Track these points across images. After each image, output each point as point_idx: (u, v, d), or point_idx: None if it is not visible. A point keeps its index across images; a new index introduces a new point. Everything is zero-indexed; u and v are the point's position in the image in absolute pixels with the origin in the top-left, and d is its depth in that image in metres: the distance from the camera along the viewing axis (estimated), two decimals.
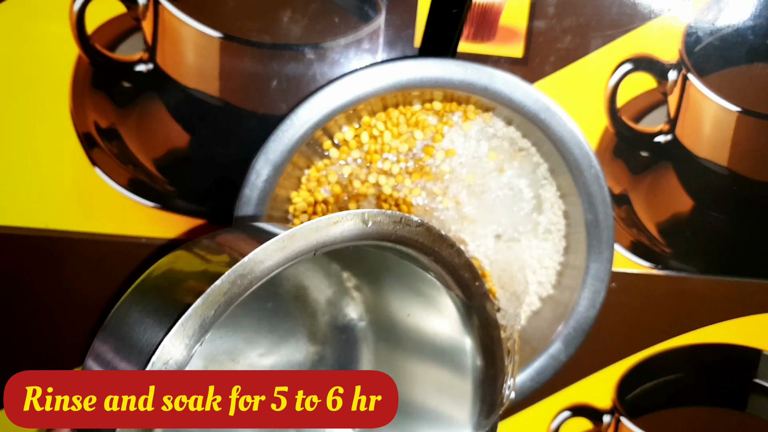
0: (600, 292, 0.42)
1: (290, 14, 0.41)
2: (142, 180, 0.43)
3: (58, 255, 0.44)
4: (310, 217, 0.42)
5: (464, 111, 0.41)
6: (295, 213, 0.42)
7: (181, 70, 0.41)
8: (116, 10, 0.41)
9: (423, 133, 0.41)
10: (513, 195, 0.43)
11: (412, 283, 0.33)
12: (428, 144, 0.42)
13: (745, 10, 0.43)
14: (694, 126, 0.44)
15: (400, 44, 0.42)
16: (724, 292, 0.47)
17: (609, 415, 0.48)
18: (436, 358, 0.34)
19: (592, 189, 0.41)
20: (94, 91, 0.42)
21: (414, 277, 0.31)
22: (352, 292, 0.36)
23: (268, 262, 0.23)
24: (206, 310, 0.22)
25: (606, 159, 0.44)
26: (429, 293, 0.32)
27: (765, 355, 0.48)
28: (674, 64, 0.43)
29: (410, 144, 0.41)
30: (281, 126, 0.38)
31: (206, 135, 0.42)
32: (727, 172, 0.45)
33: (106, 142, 0.42)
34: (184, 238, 0.44)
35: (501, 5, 0.41)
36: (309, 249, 0.24)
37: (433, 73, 0.38)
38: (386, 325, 0.36)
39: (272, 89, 0.42)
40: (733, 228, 0.46)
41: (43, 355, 0.45)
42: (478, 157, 0.42)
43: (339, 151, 0.41)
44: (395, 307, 0.35)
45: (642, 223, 0.45)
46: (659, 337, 0.47)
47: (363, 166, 0.42)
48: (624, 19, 0.42)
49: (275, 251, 0.23)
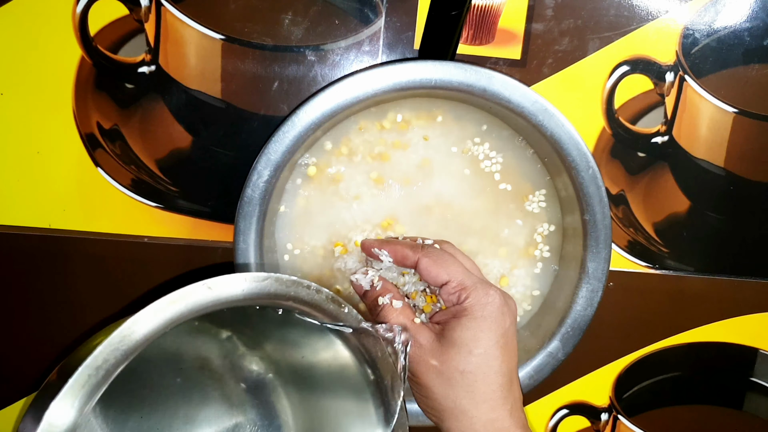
0: (597, 292, 0.42)
1: (291, 17, 0.41)
2: (144, 180, 0.43)
3: (61, 254, 0.44)
4: None
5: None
6: None
7: (183, 71, 0.42)
8: (119, 12, 0.41)
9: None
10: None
11: (297, 328, 0.35)
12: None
13: (741, 13, 0.43)
14: (691, 127, 0.44)
15: (400, 46, 0.42)
16: (721, 291, 0.47)
17: (606, 413, 0.49)
18: (338, 386, 0.36)
19: (590, 189, 0.41)
20: (97, 93, 0.42)
21: (296, 322, 0.33)
22: (249, 352, 0.38)
23: (125, 346, 0.26)
24: (76, 391, 0.25)
25: (603, 160, 0.44)
26: (310, 332, 0.34)
27: (761, 353, 0.48)
28: (671, 66, 0.43)
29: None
30: (282, 127, 0.39)
31: (208, 136, 0.43)
32: (723, 173, 0.45)
33: (108, 143, 0.43)
34: (185, 238, 0.44)
35: (500, 8, 0.42)
36: (157, 329, 0.26)
37: (433, 75, 0.39)
38: (289, 372, 0.38)
39: (273, 90, 0.42)
40: (730, 228, 0.46)
41: (44, 355, 0.45)
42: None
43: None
44: (290, 353, 0.37)
45: (639, 223, 0.46)
46: (656, 336, 0.48)
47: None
48: (621, 22, 0.43)
49: (124, 338, 0.26)
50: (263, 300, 0.30)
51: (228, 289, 0.28)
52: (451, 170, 0.43)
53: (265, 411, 0.39)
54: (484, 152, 0.43)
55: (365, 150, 0.42)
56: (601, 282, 0.42)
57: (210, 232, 0.44)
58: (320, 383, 0.37)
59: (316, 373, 0.36)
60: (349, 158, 0.42)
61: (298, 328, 0.34)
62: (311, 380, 0.37)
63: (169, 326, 0.26)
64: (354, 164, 0.42)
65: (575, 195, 0.41)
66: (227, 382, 0.38)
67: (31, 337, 0.45)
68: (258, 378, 0.39)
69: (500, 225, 0.43)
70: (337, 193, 0.42)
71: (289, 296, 0.30)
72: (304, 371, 0.37)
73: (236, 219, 0.40)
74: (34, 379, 0.46)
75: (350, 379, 0.35)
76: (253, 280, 0.29)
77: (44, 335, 0.45)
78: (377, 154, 0.42)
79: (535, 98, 0.39)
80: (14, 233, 0.43)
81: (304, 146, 0.40)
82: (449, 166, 0.43)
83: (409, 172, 0.42)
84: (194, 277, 0.28)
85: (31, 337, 0.45)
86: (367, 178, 0.42)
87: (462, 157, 0.43)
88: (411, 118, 0.42)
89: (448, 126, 0.42)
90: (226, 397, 0.38)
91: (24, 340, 0.45)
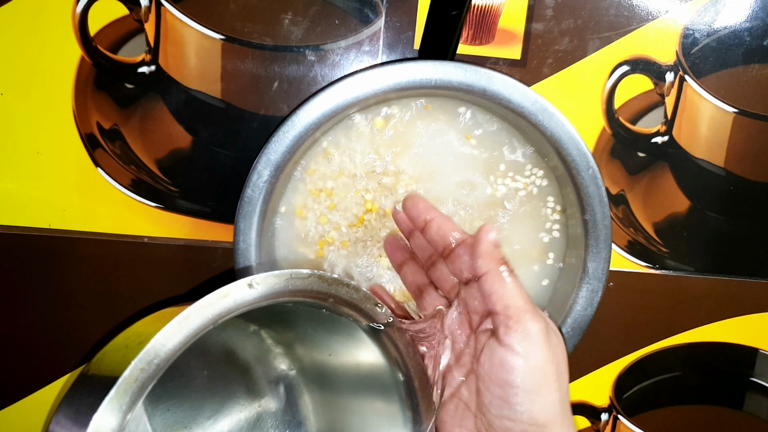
0: (597, 292, 0.42)
1: (291, 17, 0.41)
2: (144, 180, 0.43)
3: (61, 254, 0.44)
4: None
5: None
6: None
7: (183, 71, 0.42)
8: (119, 12, 0.41)
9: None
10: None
11: (326, 325, 0.34)
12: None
13: (741, 12, 0.43)
14: (691, 127, 0.44)
15: (400, 46, 0.42)
16: (721, 291, 0.47)
17: (606, 413, 0.49)
18: (363, 386, 0.36)
19: (590, 189, 0.41)
20: (97, 93, 0.42)
21: (325, 320, 0.33)
22: (275, 347, 0.38)
23: (170, 344, 0.25)
24: (120, 397, 0.24)
25: (603, 160, 0.44)
26: (341, 330, 0.34)
27: (761, 353, 0.48)
28: (671, 66, 0.43)
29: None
30: (282, 127, 0.39)
31: (208, 136, 0.43)
32: (723, 173, 0.45)
33: (108, 143, 0.43)
34: (185, 238, 0.44)
35: (500, 8, 0.42)
36: (206, 324, 0.26)
37: (433, 75, 0.39)
38: (314, 369, 0.38)
39: (273, 91, 0.42)
40: (730, 228, 0.46)
41: (46, 355, 0.45)
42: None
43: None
44: (317, 351, 0.37)
45: (639, 223, 0.46)
46: (656, 336, 0.48)
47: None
48: (621, 22, 0.43)
49: (174, 334, 0.25)
50: (305, 297, 0.30)
51: (273, 287, 0.28)
52: (455, 169, 0.43)
53: (288, 406, 0.39)
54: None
55: (365, 150, 0.42)
56: (601, 282, 0.42)
57: (210, 232, 0.44)
58: (346, 381, 0.36)
59: (342, 372, 0.36)
60: (350, 159, 0.42)
61: (327, 324, 0.34)
62: (336, 378, 0.37)
63: (217, 321, 0.26)
64: (354, 165, 0.42)
65: (575, 195, 0.41)
66: (252, 375, 0.38)
67: (31, 337, 0.45)
68: (282, 373, 0.38)
69: (500, 225, 0.43)
70: (336, 195, 0.42)
71: (330, 294, 0.30)
72: (331, 370, 0.37)
73: (236, 219, 0.40)
74: (34, 380, 0.46)
75: (378, 379, 0.34)
76: (297, 278, 0.29)
77: (44, 335, 0.45)
78: (377, 155, 0.42)
79: (535, 98, 0.39)
80: (14, 233, 0.43)
81: (303, 147, 0.40)
82: (452, 162, 0.43)
83: (409, 173, 0.42)
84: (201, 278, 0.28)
85: (31, 337, 0.45)
86: (367, 179, 0.42)
87: (463, 153, 0.43)
88: (413, 118, 0.42)
89: (446, 123, 0.42)
90: (249, 391, 0.38)
91: (24, 341, 0.45)
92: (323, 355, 0.37)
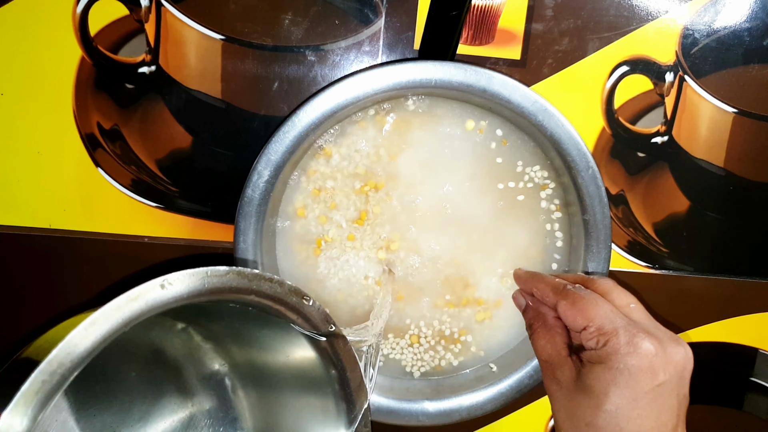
0: None
1: (291, 17, 0.41)
2: (144, 180, 0.43)
3: (61, 254, 0.44)
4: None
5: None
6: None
7: (183, 72, 0.42)
8: (119, 13, 0.41)
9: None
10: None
11: (254, 321, 0.34)
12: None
13: (741, 13, 0.43)
14: (691, 127, 0.44)
15: (400, 47, 0.42)
16: (721, 291, 0.47)
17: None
18: (296, 380, 0.35)
19: (590, 189, 0.41)
20: (97, 93, 0.42)
21: (252, 316, 0.32)
22: (204, 343, 0.37)
23: (77, 351, 0.25)
24: (21, 411, 0.24)
25: (603, 160, 0.44)
26: (271, 326, 0.34)
27: (761, 353, 0.48)
28: (671, 66, 0.43)
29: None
30: (282, 127, 0.39)
31: (208, 136, 0.43)
32: (723, 173, 0.45)
33: (109, 143, 0.43)
34: (185, 238, 0.44)
35: (500, 8, 0.42)
36: (116, 329, 0.25)
37: (433, 75, 0.39)
38: (246, 365, 0.37)
39: (273, 91, 0.42)
40: (730, 228, 0.46)
41: None
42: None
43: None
44: (247, 347, 0.36)
45: (639, 223, 0.46)
46: None
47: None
48: (621, 22, 0.43)
49: (81, 340, 0.25)
50: (225, 295, 0.29)
51: (188, 286, 0.27)
52: (456, 168, 0.43)
53: (220, 403, 0.38)
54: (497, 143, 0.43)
55: (365, 150, 0.42)
56: None
57: (210, 232, 0.44)
58: (278, 376, 0.36)
59: (275, 368, 0.36)
60: (350, 159, 0.42)
61: (255, 319, 0.34)
62: (269, 373, 0.36)
63: (128, 325, 0.26)
64: (354, 164, 0.42)
65: (575, 195, 0.41)
66: (182, 374, 0.38)
67: (30, 337, 0.45)
68: (214, 370, 0.38)
69: (500, 225, 0.43)
70: (336, 197, 0.42)
71: (251, 290, 0.30)
72: (263, 366, 0.36)
73: (236, 219, 0.40)
74: None
75: (310, 372, 0.34)
76: (215, 275, 0.28)
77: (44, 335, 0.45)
78: (377, 155, 0.42)
79: (535, 98, 0.39)
80: (14, 233, 0.43)
81: (303, 147, 0.40)
82: (452, 162, 0.43)
83: (410, 173, 0.43)
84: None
85: (30, 337, 0.45)
86: (367, 179, 0.42)
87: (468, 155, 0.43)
88: (411, 118, 0.42)
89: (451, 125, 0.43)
90: (181, 390, 0.38)
91: (24, 341, 0.45)
92: (253, 350, 0.36)
